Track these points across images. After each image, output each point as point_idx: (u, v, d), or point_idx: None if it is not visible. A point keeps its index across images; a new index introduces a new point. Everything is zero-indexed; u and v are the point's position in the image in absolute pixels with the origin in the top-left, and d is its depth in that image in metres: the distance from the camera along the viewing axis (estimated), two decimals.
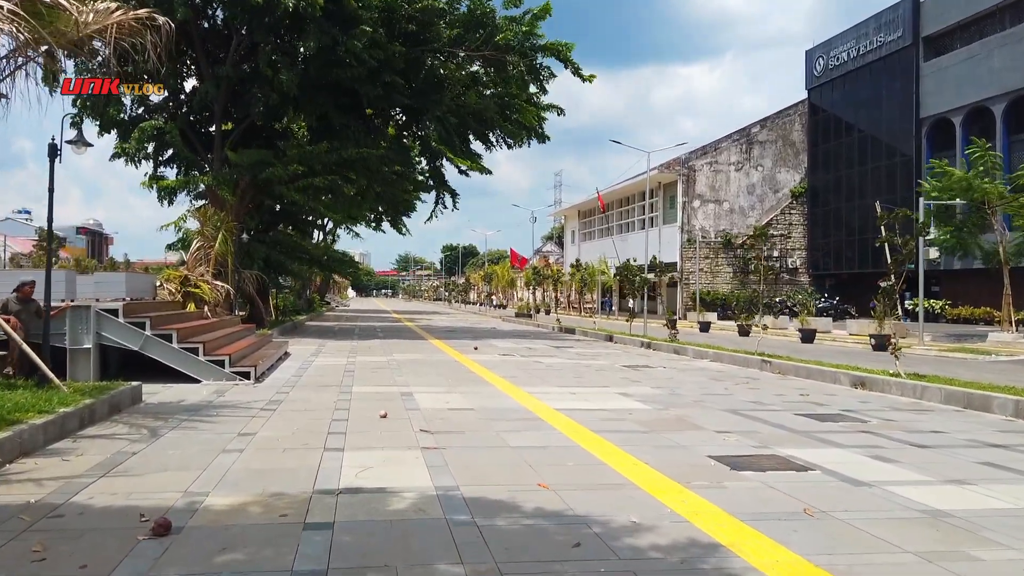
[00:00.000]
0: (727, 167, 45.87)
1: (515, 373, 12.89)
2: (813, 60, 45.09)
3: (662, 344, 19.94)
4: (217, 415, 7.92)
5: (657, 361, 16.26)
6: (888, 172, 39.84)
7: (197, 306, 13.69)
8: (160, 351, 10.37)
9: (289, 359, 14.86)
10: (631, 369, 14.11)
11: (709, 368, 14.81)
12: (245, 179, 21.39)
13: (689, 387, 11.30)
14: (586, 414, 8.38)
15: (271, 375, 11.83)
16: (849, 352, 19.45)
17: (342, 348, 18.29)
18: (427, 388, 10.54)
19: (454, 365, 14.33)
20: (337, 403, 8.90)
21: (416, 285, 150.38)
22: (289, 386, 10.53)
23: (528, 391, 10.36)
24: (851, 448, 6.72)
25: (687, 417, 8.33)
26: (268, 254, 21.70)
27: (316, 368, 13.19)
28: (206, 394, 9.56)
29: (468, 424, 7.63)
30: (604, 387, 11.12)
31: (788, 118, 46.47)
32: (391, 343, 20.31)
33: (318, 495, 4.81)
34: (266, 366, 11.92)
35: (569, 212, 67.40)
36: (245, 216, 21.88)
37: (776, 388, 11.44)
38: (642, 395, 10.20)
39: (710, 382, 12.15)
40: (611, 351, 19.22)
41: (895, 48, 38.65)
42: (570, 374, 12.96)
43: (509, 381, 11.59)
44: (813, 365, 13.38)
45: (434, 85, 22.40)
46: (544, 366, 14.47)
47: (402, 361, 14.92)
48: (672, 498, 4.90)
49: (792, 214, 46.38)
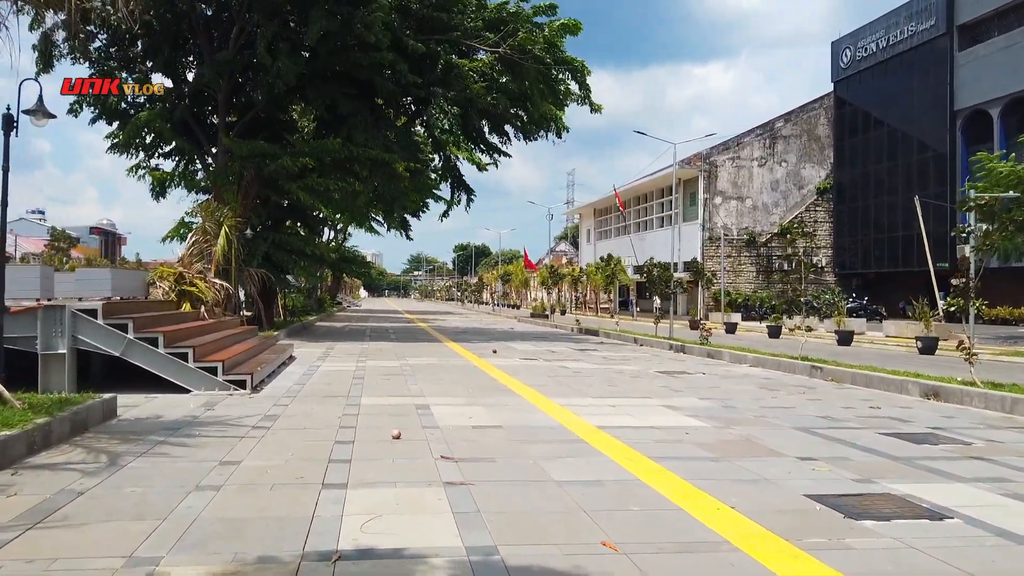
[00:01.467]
0: (750, 163, 44.40)
1: (541, 380, 11.62)
2: (840, 52, 43.55)
3: (694, 347, 18.61)
4: (199, 435, 6.69)
5: (693, 366, 14.93)
6: (920, 167, 38.25)
7: (193, 306, 12.51)
8: (144, 356, 9.16)
9: (294, 364, 13.65)
10: (668, 376, 12.79)
11: (753, 375, 13.47)
12: (250, 172, 20.21)
13: (741, 398, 9.98)
14: (635, 433, 7.09)
15: (271, 383, 10.61)
16: (894, 356, 18.05)
17: (351, 351, 17.08)
18: (445, 399, 9.28)
19: (473, 371, 13.07)
20: (342, 419, 7.65)
21: (428, 285, 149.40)
22: (289, 397, 9.29)
23: (560, 403, 9.08)
24: (975, 482, 5.40)
25: (755, 438, 7.03)
26: (271, 252, 20.47)
27: (322, 374, 11.97)
28: (193, 407, 8.34)
29: (497, 447, 6.36)
30: (644, 398, 9.82)
31: (813, 112, 44.93)
32: (404, 346, 19.09)
33: (310, 562, 3.55)
34: (265, 372, 10.70)
35: (584, 211, 66.05)
36: (250, 212, 20.71)
37: (839, 399, 10.10)
38: (691, 408, 8.90)
39: (761, 392, 10.82)
40: (640, 355, 17.90)
41: (927, 37, 37.09)
42: (602, 382, 11.67)
43: (536, 390, 10.31)
44: (872, 372, 12.01)
45: (447, 76, 21.15)
46: (571, 372, 13.18)
47: (416, 366, 13.68)
48: (788, 566, 3.61)
49: (817, 211, 44.86)
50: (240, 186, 20.38)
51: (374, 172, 20.54)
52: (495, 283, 73.50)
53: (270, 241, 20.73)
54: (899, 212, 39.80)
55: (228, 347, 11.11)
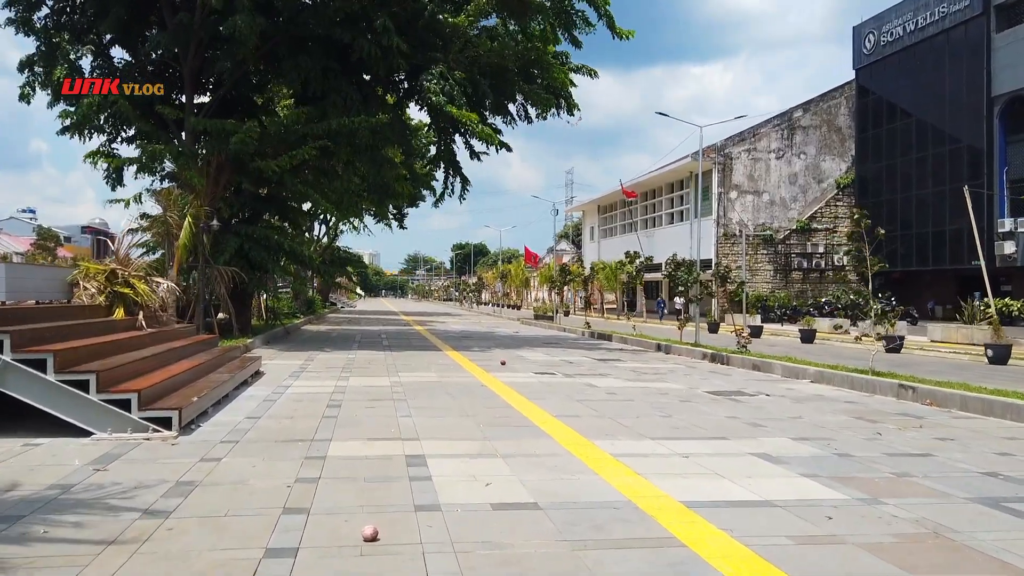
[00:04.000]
0: (767, 155, 41.81)
1: (570, 407, 9.00)
2: (862, 37, 40.93)
3: (733, 357, 16.01)
4: (44, 535, 4.06)
5: (744, 382, 12.32)
6: (952, 158, 35.65)
7: (129, 312, 9.90)
8: (24, 385, 6.53)
9: (258, 383, 11.01)
10: (727, 400, 10.18)
11: (828, 396, 10.86)
12: (219, 156, 17.56)
13: (847, 438, 7.37)
14: (751, 518, 4.48)
15: (214, 416, 7.97)
16: (963, 366, 15.56)
17: (335, 363, 14.44)
18: (448, 443, 6.66)
19: (481, 392, 10.44)
20: (292, 492, 5.02)
21: (426, 285, 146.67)
22: (229, 442, 6.65)
23: (610, 451, 6.47)
24: None
25: (937, 525, 4.42)
26: (245, 247, 17.76)
27: (288, 400, 9.33)
28: (79, 464, 5.70)
29: (542, 564, 3.74)
30: (719, 438, 7.20)
31: (833, 101, 42.36)
32: (397, 356, 16.44)
33: None
34: (209, 401, 8.06)
35: (588, 207, 63.46)
36: (220, 201, 18.05)
37: (974, 437, 7.49)
38: (796, 459, 6.29)
39: (861, 425, 8.22)
40: (672, 367, 15.29)
41: (961, 19, 34.49)
42: (649, 409, 9.06)
43: (569, 425, 7.70)
44: (989, 395, 9.41)
45: (437, 36, 18.40)
46: (603, 393, 10.57)
47: (410, 385, 11.05)
48: None
49: (838, 206, 42.28)
50: (209, 173, 17.72)
51: (358, 155, 17.88)
52: (495, 282, 70.91)
53: (244, 235, 18.02)
54: (927, 207, 37.26)
55: (161, 368, 8.47)
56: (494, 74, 19.25)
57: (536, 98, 19.62)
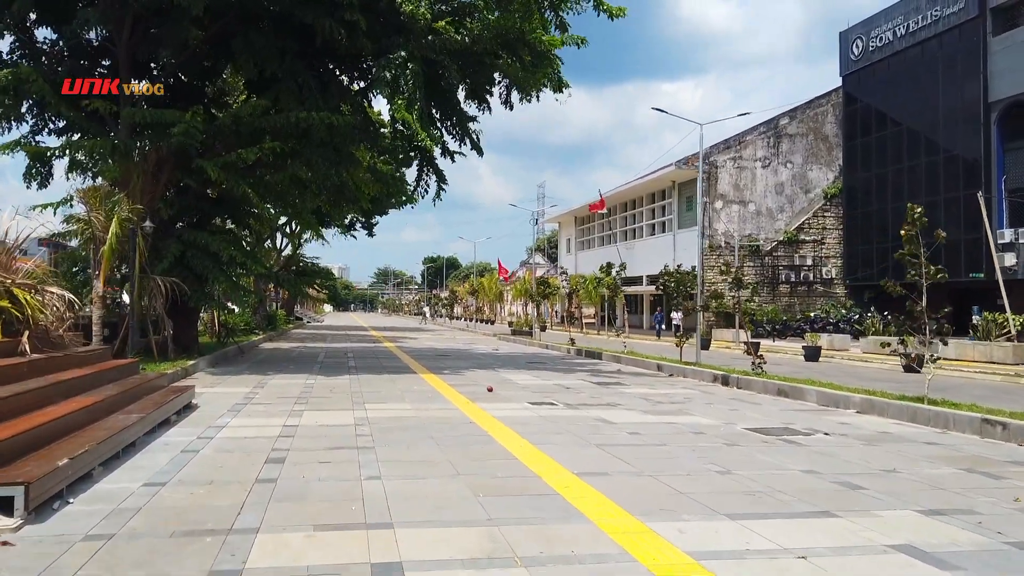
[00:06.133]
0: (752, 163, 40.24)
1: (592, 458, 6.82)
2: (849, 43, 39.60)
3: (751, 380, 13.98)
4: None
5: (780, 413, 10.25)
6: (947, 167, 34.25)
7: (7, 332, 7.53)
8: None
9: (183, 422, 8.65)
10: (780, 441, 8.05)
11: (895, 434, 8.79)
12: (159, 150, 15.15)
13: (989, 508, 5.28)
14: None
15: (97, 484, 5.63)
16: (1003, 389, 14.13)
17: (289, 391, 12.06)
18: (436, 537, 4.41)
19: (470, 433, 8.20)
20: None
21: (396, 299, 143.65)
22: (100, 537, 4.33)
23: (683, 546, 4.28)
24: None
25: None
26: (187, 255, 15.24)
27: (215, 451, 7.01)
28: None
29: None
30: (820, 513, 5.06)
31: (820, 108, 40.98)
32: (365, 380, 14.10)
33: None
34: (90, 462, 5.72)
35: (564, 218, 61.55)
36: (160, 202, 15.60)
37: None
38: (958, 554, 4.17)
39: (980, 480, 6.17)
40: (684, 391, 13.18)
41: (955, 22, 33.21)
42: (693, 458, 6.90)
43: (600, 490, 5.51)
44: None
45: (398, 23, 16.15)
46: (623, 432, 8.39)
47: (380, 423, 8.76)
48: None
49: (826, 217, 40.80)
50: (147, 170, 15.28)
51: (306, 146, 15.54)
52: (467, 296, 68.65)
53: (187, 241, 15.53)
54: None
55: (36, 410, 6.11)
56: (467, 56, 16.93)
57: (521, 80, 17.32)
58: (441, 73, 17.23)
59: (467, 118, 18.83)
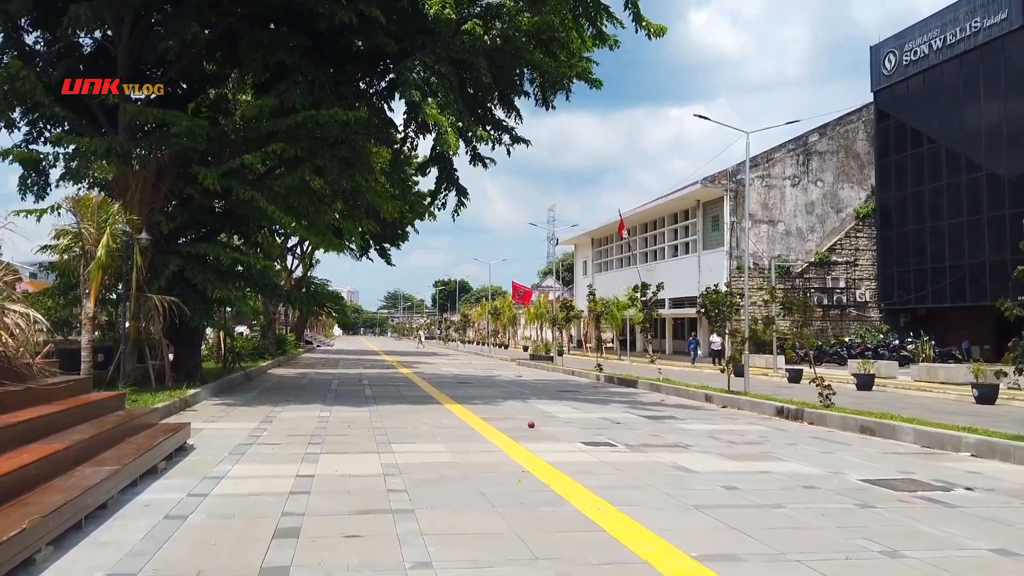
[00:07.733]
0: (781, 181, 38.68)
1: (699, 528, 5.19)
2: (881, 57, 38.21)
3: (826, 415, 12.28)
4: None
5: (884, 457, 8.57)
6: (990, 184, 32.57)
7: None
8: None
9: (173, 469, 7.07)
10: (924, 501, 6.39)
11: None
12: (159, 156, 13.73)
13: None
14: None
15: (53, 564, 4.06)
16: None
17: (301, 427, 10.46)
18: None
19: (528, 487, 6.57)
20: None
21: (407, 323, 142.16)
22: None
23: None
24: None
25: None
26: (187, 271, 13.68)
27: (209, 515, 5.42)
28: None
29: None
30: None
31: (851, 125, 39.48)
32: (386, 412, 12.49)
33: None
34: (28, 548, 4.14)
35: (580, 240, 59.97)
36: (161, 214, 14.14)
37: None
38: None
39: None
40: (752, 427, 11.51)
41: (996, 34, 31.76)
42: (831, 528, 5.25)
43: None
44: None
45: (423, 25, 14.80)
46: (716, 485, 6.75)
47: (412, 472, 7.14)
48: None
49: (859, 238, 39.11)
50: (146, 177, 13.83)
51: (318, 147, 14.05)
52: (481, 319, 67.05)
53: (186, 255, 14.01)
54: (961, 239, 34.14)
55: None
56: (499, 56, 15.56)
57: (551, 75, 15.98)
58: (471, 77, 15.85)
59: (501, 121, 17.49)
